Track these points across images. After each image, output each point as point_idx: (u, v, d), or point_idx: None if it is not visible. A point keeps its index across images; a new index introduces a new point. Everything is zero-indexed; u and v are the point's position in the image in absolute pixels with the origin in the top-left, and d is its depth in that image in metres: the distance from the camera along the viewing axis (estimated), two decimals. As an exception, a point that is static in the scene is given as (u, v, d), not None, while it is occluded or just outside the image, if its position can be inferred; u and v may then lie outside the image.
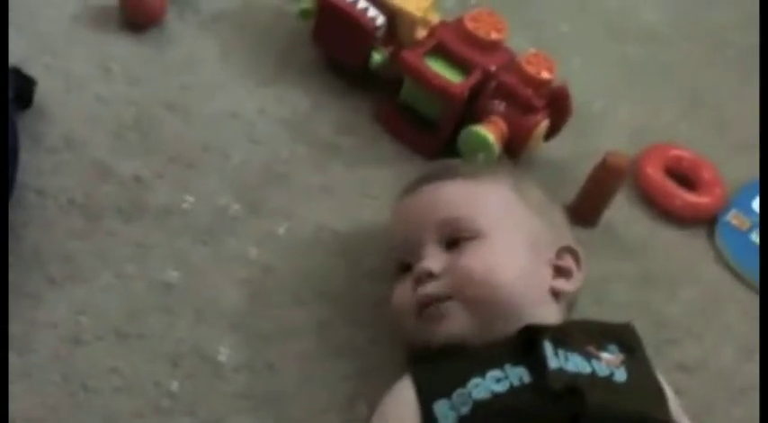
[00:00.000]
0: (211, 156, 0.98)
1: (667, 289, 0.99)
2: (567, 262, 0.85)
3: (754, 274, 1.01)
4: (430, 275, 0.81)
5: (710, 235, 1.05)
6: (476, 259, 0.80)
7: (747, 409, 0.91)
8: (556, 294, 0.83)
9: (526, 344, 0.74)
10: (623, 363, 0.75)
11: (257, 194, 0.96)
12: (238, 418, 0.81)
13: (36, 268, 0.85)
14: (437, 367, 0.77)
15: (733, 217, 1.05)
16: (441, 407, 0.73)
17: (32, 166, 0.90)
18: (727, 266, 1.03)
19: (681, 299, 0.99)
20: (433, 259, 0.81)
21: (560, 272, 0.84)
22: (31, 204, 0.89)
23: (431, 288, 0.80)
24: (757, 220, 1.05)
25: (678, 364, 0.92)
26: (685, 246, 1.04)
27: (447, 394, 0.73)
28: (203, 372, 0.83)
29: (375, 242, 0.95)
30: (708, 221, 1.06)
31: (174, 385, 0.81)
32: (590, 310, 0.88)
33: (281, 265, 0.91)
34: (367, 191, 0.99)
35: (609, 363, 0.75)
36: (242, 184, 0.96)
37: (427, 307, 0.80)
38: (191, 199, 0.93)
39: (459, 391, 0.73)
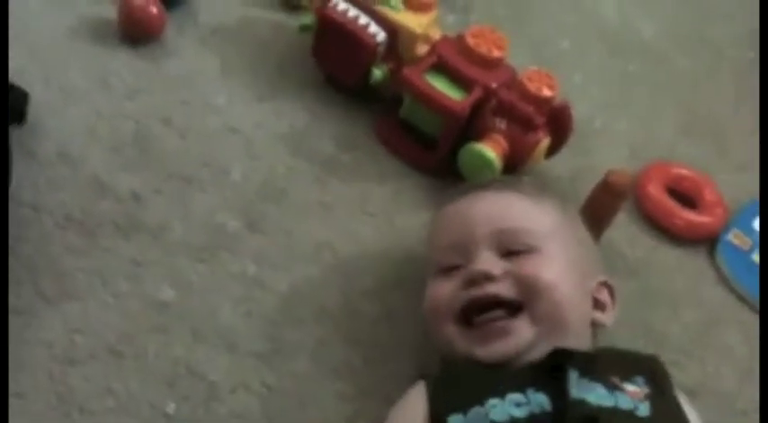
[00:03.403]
0: (210, 171, 0.97)
1: (668, 309, 0.99)
2: (604, 296, 0.85)
3: (755, 295, 1.01)
4: (488, 278, 0.79)
5: (711, 254, 1.04)
6: (541, 270, 0.79)
7: (749, 431, 0.90)
8: (593, 325, 0.83)
9: (552, 369, 0.74)
10: (648, 397, 0.74)
11: (256, 211, 0.95)
12: (235, 439, 0.81)
13: (30, 285, 0.84)
14: (456, 381, 0.76)
15: (734, 236, 1.04)
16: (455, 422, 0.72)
17: (28, 181, 0.89)
18: (729, 286, 1.02)
19: (682, 319, 0.98)
20: (490, 263, 0.80)
21: (597, 305, 0.84)
22: (27, 220, 0.88)
23: (496, 288, 0.79)
24: (758, 239, 1.05)
25: (679, 386, 0.90)
26: (686, 265, 1.03)
27: (463, 410, 0.72)
28: (199, 392, 0.82)
29: (374, 260, 0.94)
30: (709, 241, 1.05)
31: (170, 407, 0.81)
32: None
33: (278, 283, 0.91)
34: (366, 207, 0.99)
35: (633, 396, 0.74)
36: (240, 200, 0.95)
37: (482, 312, 0.78)
38: (188, 215, 0.93)
39: (477, 409, 0.72)
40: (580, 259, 0.84)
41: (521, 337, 0.78)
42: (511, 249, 0.81)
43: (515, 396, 0.72)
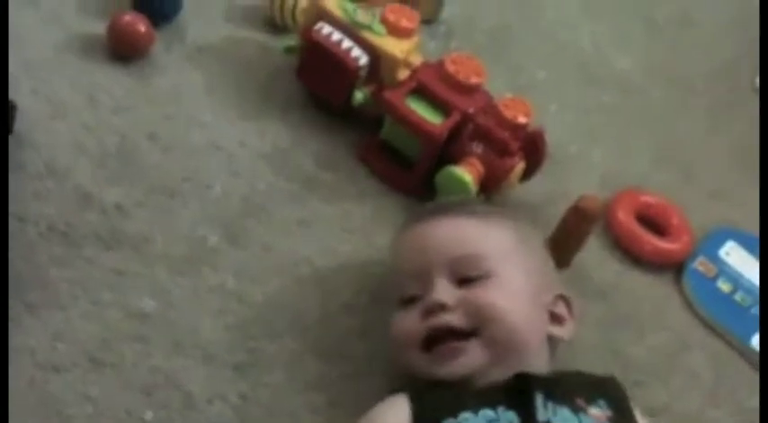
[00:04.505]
0: (192, 186, 0.99)
1: (635, 332, 1.01)
2: (561, 309, 0.87)
3: (719, 321, 1.04)
4: (443, 307, 0.81)
5: (678, 280, 1.07)
6: (495, 297, 0.81)
7: (711, 453, 0.93)
8: (550, 340, 0.85)
9: (519, 392, 0.76)
10: (610, 420, 0.77)
11: (236, 226, 0.97)
12: (210, 448, 0.82)
13: (14, 294, 0.85)
14: (432, 393, 0.78)
15: (700, 264, 1.08)
16: None
17: (14, 191, 0.90)
18: (694, 312, 1.05)
19: (648, 342, 1.01)
20: (445, 292, 0.82)
21: (555, 318, 0.86)
22: (12, 230, 0.89)
23: (448, 318, 0.81)
24: (724, 267, 1.08)
25: (644, 407, 0.92)
26: (654, 290, 1.06)
27: (437, 421, 0.75)
28: (176, 402, 0.83)
29: (351, 276, 0.96)
30: (676, 267, 1.08)
31: (148, 415, 0.82)
32: (559, 350, 0.89)
33: (257, 297, 0.92)
34: (345, 225, 1.01)
35: (597, 419, 0.76)
36: (221, 215, 0.97)
37: (442, 340, 0.80)
38: (170, 228, 0.94)
39: (450, 420, 0.74)
40: (536, 276, 0.86)
41: (472, 359, 0.80)
42: (465, 276, 0.83)
43: (487, 412, 0.75)
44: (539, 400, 0.75)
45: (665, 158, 1.21)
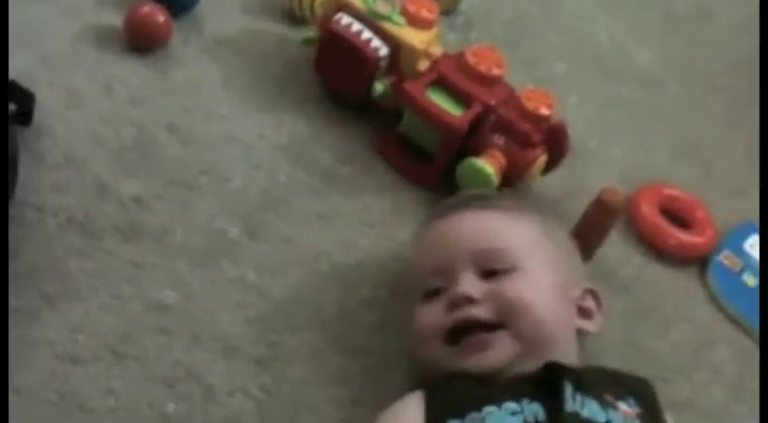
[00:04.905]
0: (210, 179, 0.98)
1: (659, 327, 1.00)
2: (589, 303, 0.87)
3: (745, 315, 1.02)
4: (469, 300, 0.80)
5: (702, 274, 1.06)
6: (521, 290, 0.81)
7: (736, 448, 0.92)
8: (578, 334, 0.84)
9: (547, 382, 0.75)
10: (639, 417, 0.76)
11: (255, 219, 0.96)
12: (231, 442, 0.81)
13: (33, 285, 0.84)
14: (453, 387, 0.78)
15: (725, 257, 1.06)
16: None
17: (32, 182, 0.90)
18: (719, 306, 1.04)
19: (671, 337, 1.00)
20: (471, 285, 0.81)
21: (583, 312, 0.86)
22: (30, 221, 0.88)
23: (475, 312, 0.80)
24: (749, 261, 1.07)
25: (668, 403, 0.91)
26: (677, 284, 1.05)
27: (460, 416, 0.74)
28: (197, 395, 0.83)
29: (371, 270, 0.95)
30: (700, 261, 1.07)
31: (170, 407, 0.81)
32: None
33: (276, 290, 0.91)
34: (364, 219, 1.00)
35: (625, 415, 0.75)
36: (240, 207, 0.96)
37: (470, 331, 0.80)
38: (189, 221, 0.94)
39: (474, 414, 0.73)
40: (562, 270, 0.85)
41: (501, 351, 0.79)
42: (490, 269, 0.82)
43: (511, 405, 0.74)
44: (568, 390, 0.74)
45: (684, 153, 1.20)
